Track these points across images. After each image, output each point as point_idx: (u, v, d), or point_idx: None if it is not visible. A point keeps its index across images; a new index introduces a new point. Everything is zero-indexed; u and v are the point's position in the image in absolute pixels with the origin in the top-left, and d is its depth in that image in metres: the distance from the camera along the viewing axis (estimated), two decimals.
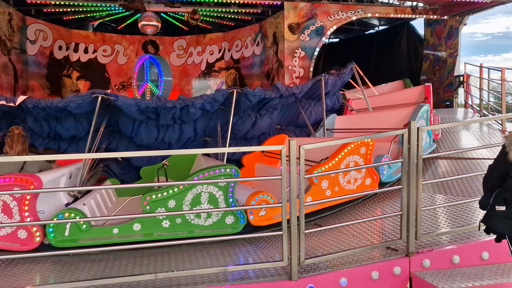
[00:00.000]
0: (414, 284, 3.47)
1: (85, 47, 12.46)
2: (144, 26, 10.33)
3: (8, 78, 9.13)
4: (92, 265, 3.95)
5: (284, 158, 3.30)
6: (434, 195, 4.97)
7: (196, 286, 3.25)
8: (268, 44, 11.55)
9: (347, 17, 10.83)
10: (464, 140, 7.21)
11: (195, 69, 13.79)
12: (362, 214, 4.79)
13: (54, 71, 11.56)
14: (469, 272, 3.46)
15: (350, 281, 3.39)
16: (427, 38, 13.06)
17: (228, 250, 4.18)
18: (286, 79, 10.53)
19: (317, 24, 10.60)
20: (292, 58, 10.51)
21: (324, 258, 3.52)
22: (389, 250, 3.72)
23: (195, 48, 13.79)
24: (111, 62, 12.99)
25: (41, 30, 10.88)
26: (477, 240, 3.68)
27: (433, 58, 12.71)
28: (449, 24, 11.93)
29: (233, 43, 13.30)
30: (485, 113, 9.43)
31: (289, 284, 3.30)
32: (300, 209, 3.34)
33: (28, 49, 10.42)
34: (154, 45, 13.50)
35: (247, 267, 3.47)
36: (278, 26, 10.85)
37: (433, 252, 3.59)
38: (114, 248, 3.93)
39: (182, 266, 3.83)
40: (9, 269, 3.90)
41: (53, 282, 3.48)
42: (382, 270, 3.46)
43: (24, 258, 3.97)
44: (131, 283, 3.35)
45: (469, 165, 5.92)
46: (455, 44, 11.77)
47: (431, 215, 4.34)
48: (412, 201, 3.59)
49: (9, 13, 9.26)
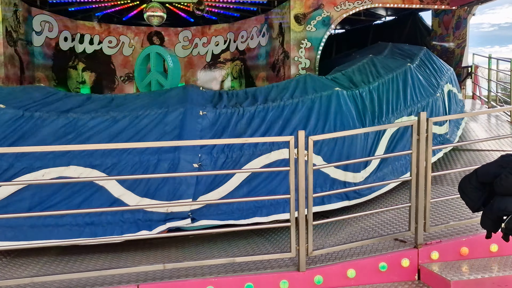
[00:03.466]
0: (422, 276, 3.47)
1: (90, 38, 12.44)
2: (149, 17, 10.27)
3: (14, 69, 9.14)
4: (100, 256, 3.98)
5: (292, 149, 3.28)
6: (442, 187, 4.94)
7: (204, 276, 3.26)
8: (274, 35, 11.47)
9: (353, 7, 10.71)
10: (472, 132, 7.15)
11: (200, 60, 13.74)
12: (370, 206, 4.77)
13: (60, 63, 11.56)
14: (478, 264, 3.45)
15: (358, 273, 3.39)
16: (434, 28, 12.90)
17: (236, 241, 4.19)
18: (292, 70, 10.47)
19: (324, 15, 10.50)
20: (298, 49, 10.43)
21: (332, 249, 3.52)
22: (397, 242, 3.71)
23: (200, 39, 13.73)
24: (117, 54, 12.96)
25: (46, 21, 10.86)
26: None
27: (441, 49, 12.57)
28: (457, 14, 11.77)
29: (238, 34, 13.22)
30: (493, 104, 9.34)
31: (297, 275, 3.30)
32: (308, 200, 3.33)
33: (34, 40, 10.41)
34: (160, 36, 13.46)
35: (254, 258, 3.47)
36: (284, 17, 10.76)
37: (442, 244, 3.57)
38: (123, 238, 3.95)
39: (190, 257, 3.85)
40: (18, 259, 3.94)
41: (61, 273, 3.50)
42: (390, 262, 3.46)
43: (33, 248, 4.00)
44: (140, 273, 3.36)
45: (477, 156, 5.88)
46: (463, 35, 11.62)
47: (439, 206, 4.32)
48: (421, 192, 3.57)
49: (15, 4, 9.24)
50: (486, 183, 2.53)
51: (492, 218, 2.49)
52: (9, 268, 3.71)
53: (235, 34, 13.40)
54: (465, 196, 2.65)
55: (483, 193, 2.57)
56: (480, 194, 2.58)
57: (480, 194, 2.58)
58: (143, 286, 3.14)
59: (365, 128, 4.76)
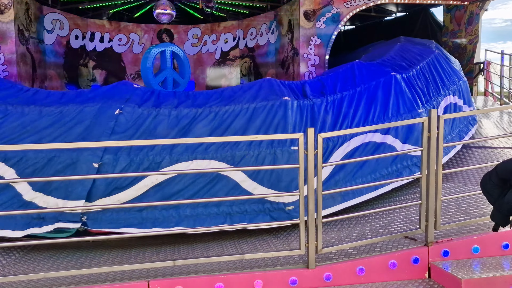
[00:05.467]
0: (433, 274, 3.44)
1: (101, 36, 12.53)
2: (159, 15, 10.31)
3: (26, 67, 9.24)
4: (111, 252, 4.02)
5: (301, 146, 3.28)
6: (453, 184, 4.90)
7: (213, 273, 3.28)
8: (283, 32, 11.44)
9: (364, 3, 10.63)
10: (484, 129, 7.07)
11: (210, 57, 13.76)
12: (379, 203, 4.75)
13: (71, 61, 11.67)
14: (489, 262, 3.41)
15: (368, 270, 3.38)
16: (446, 24, 12.75)
17: (245, 239, 4.20)
18: (302, 67, 10.43)
19: (333, 11, 10.43)
20: (307, 46, 10.39)
21: (341, 247, 3.51)
22: (407, 240, 3.69)
23: (210, 36, 13.75)
24: (127, 51, 13.04)
25: (57, 19, 10.97)
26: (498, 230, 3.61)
27: (452, 45, 12.42)
28: (470, 10, 11.62)
29: (247, 31, 13.21)
30: (505, 101, 9.21)
31: (306, 272, 3.30)
32: (318, 198, 3.32)
33: (45, 39, 10.53)
34: (169, 34, 13.51)
35: (264, 255, 3.48)
36: (294, 13, 10.72)
37: (453, 242, 3.54)
38: (133, 235, 3.98)
39: (200, 253, 3.87)
40: (31, 255, 3.99)
41: (73, 268, 3.55)
42: (400, 260, 3.44)
43: (45, 244, 4.06)
44: (150, 269, 3.39)
45: (489, 154, 5.81)
46: (475, 31, 11.47)
47: (450, 204, 4.28)
48: (432, 190, 3.54)
49: (26, 3, 9.34)
50: (507, 180, 2.48)
51: (501, 211, 2.46)
52: (22, 263, 3.77)
53: (244, 31, 13.39)
54: (486, 194, 2.60)
55: (504, 190, 2.52)
56: (501, 191, 2.53)
57: (501, 191, 2.53)
58: (153, 282, 3.16)
59: (375, 125, 4.71)
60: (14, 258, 3.88)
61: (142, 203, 4.01)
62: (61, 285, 3.20)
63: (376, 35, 14.90)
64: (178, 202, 3.99)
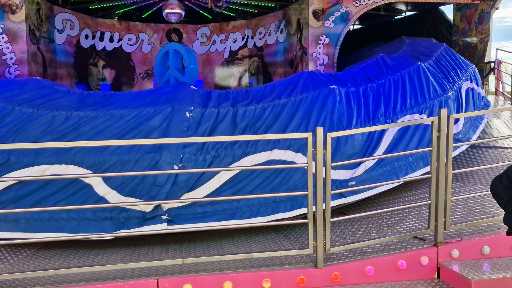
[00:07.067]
0: (442, 274, 3.42)
1: (110, 36, 12.62)
2: (168, 14, 10.35)
3: (37, 67, 9.34)
4: (120, 250, 4.05)
5: (310, 146, 3.28)
6: (463, 184, 4.86)
7: (222, 271, 3.30)
8: (292, 31, 11.41)
9: (373, 2, 10.56)
10: (494, 129, 6.99)
11: (218, 57, 13.78)
12: (388, 203, 4.73)
13: (81, 60, 11.76)
14: (499, 263, 3.38)
15: (377, 270, 3.37)
16: (456, 23, 12.62)
17: (254, 237, 4.21)
18: (310, 66, 10.41)
19: (342, 10, 10.39)
20: (316, 45, 10.36)
21: (350, 246, 3.50)
22: (416, 240, 3.67)
23: (218, 36, 13.77)
24: (136, 51, 13.11)
25: (68, 19, 11.06)
26: None
27: (463, 44, 12.30)
28: (480, 8, 11.49)
29: (256, 30, 13.20)
30: None
31: (314, 271, 3.30)
32: (326, 197, 3.32)
33: (56, 38, 10.62)
34: (178, 33, 13.55)
35: (272, 254, 3.49)
36: (302, 13, 10.69)
37: (462, 243, 3.52)
38: (143, 233, 4.01)
39: (208, 252, 3.89)
40: (42, 252, 4.05)
41: (83, 265, 3.59)
42: (409, 260, 3.42)
43: (55, 242, 4.10)
44: (159, 267, 3.42)
45: (500, 154, 5.75)
46: (486, 29, 11.34)
47: (460, 204, 4.25)
48: (441, 190, 3.52)
49: (38, 3, 9.43)
50: None
51: None
52: (33, 260, 3.82)
53: (253, 31, 13.40)
54: (496, 197, 2.58)
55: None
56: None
57: (511, 194, 2.50)
58: (162, 280, 3.19)
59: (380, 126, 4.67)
60: (25, 255, 3.94)
61: (218, 197, 4.15)
62: (71, 282, 3.24)
63: (386, 34, 14.81)
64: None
